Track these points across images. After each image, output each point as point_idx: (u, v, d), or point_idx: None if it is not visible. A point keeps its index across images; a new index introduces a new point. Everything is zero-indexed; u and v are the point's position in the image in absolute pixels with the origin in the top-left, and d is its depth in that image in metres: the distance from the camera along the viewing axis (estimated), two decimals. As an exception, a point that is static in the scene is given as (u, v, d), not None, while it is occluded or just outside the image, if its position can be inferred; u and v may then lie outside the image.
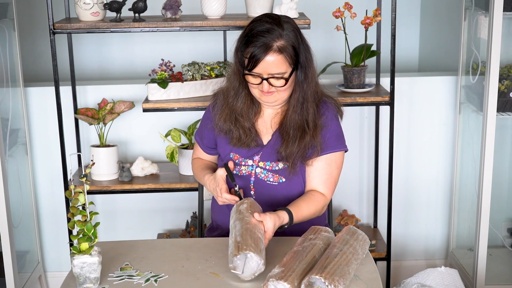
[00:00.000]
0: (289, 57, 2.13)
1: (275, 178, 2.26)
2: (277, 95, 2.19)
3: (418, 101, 3.38)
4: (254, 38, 2.12)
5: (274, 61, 2.11)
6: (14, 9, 3.08)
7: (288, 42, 2.13)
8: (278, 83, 2.15)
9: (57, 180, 3.31)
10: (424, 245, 3.57)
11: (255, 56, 2.11)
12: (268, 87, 2.15)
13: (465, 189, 3.34)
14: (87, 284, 1.85)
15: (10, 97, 3.11)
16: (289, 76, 2.15)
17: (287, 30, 2.14)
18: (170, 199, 3.43)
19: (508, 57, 3.17)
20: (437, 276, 2.84)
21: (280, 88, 2.16)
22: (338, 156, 2.28)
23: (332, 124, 2.26)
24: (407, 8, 4.25)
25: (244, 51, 2.15)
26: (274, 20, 2.15)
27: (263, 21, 2.15)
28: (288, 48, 2.13)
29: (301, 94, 2.19)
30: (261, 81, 2.15)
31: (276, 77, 2.13)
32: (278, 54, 2.11)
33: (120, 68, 4.19)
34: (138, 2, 2.87)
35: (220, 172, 2.22)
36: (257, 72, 2.14)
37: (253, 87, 2.19)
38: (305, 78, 2.18)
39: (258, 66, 2.12)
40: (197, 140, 2.44)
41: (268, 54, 2.10)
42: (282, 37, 2.12)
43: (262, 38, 2.11)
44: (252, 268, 1.88)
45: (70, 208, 1.85)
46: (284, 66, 2.13)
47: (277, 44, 2.11)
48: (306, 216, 2.21)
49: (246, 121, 2.25)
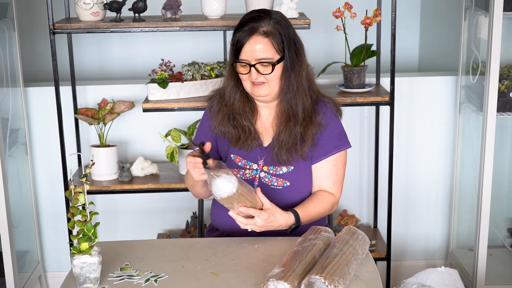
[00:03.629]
0: (275, 43, 2.15)
1: (279, 182, 2.26)
2: (267, 87, 2.19)
3: (418, 101, 3.38)
4: (241, 25, 2.17)
5: (260, 45, 2.14)
6: (14, 9, 3.08)
7: (275, 28, 2.16)
8: (266, 71, 2.16)
9: (57, 180, 3.31)
10: (424, 245, 3.57)
11: (240, 40, 2.15)
12: (256, 75, 2.16)
13: (465, 189, 3.34)
14: (87, 284, 1.85)
15: (10, 97, 3.11)
16: (277, 62, 2.16)
17: (275, 19, 2.17)
18: (170, 199, 3.43)
19: (508, 57, 3.17)
20: (437, 276, 2.84)
21: (268, 76, 2.16)
22: (343, 155, 2.29)
23: (333, 123, 2.27)
24: (407, 8, 4.25)
25: (232, 40, 2.19)
26: (264, 11, 2.20)
27: (253, 12, 2.21)
28: (275, 34, 2.15)
29: (286, 83, 2.20)
30: (249, 70, 2.17)
31: (263, 63, 2.15)
32: (263, 37, 2.14)
33: (120, 68, 4.19)
34: (138, 2, 2.88)
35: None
36: (244, 58, 2.16)
37: (244, 79, 2.20)
38: (292, 68, 2.19)
39: (244, 50, 2.15)
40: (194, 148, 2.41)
41: (253, 36, 2.14)
42: (269, 24, 2.15)
43: (249, 24, 2.15)
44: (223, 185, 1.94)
45: (70, 208, 1.85)
46: (270, 52, 2.15)
47: (263, 28, 2.14)
48: (314, 215, 2.22)
49: (244, 119, 2.25)
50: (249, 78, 2.19)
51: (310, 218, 2.21)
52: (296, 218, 2.15)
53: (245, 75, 2.19)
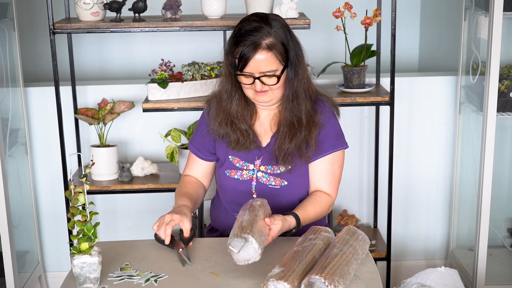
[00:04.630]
0: (279, 54, 2.12)
1: (276, 181, 2.26)
2: (271, 94, 2.18)
3: (418, 101, 3.38)
4: (242, 38, 2.12)
5: (264, 59, 2.11)
6: (14, 9, 3.08)
7: (277, 39, 2.12)
8: (271, 81, 2.14)
9: (57, 180, 3.31)
10: (424, 245, 3.57)
11: (245, 55, 2.11)
12: (261, 86, 2.14)
13: (465, 189, 3.34)
14: (87, 284, 1.85)
15: (10, 97, 3.11)
16: (281, 73, 2.14)
17: (275, 27, 2.13)
18: (170, 199, 3.41)
19: (508, 57, 3.17)
20: (437, 276, 2.84)
21: (273, 86, 2.15)
22: (340, 155, 2.28)
23: (331, 123, 2.26)
24: (407, 8, 4.25)
25: (234, 51, 2.14)
26: (262, 18, 2.15)
27: (251, 20, 2.15)
28: (278, 45, 2.12)
29: (291, 91, 2.18)
30: (253, 81, 2.14)
31: (268, 75, 2.13)
32: (267, 51, 2.11)
33: (120, 68, 4.19)
34: (138, 2, 2.88)
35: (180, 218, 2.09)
36: (248, 71, 2.13)
37: (246, 88, 2.19)
38: (295, 75, 2.17)
39: (248, 65, 2.12)
40: (192, 150, 2.38)
41: (257, 52, 2.10)
42: (270, 35, 2.11)
43: (250, 37, 2.11)
44: (248, 254, 1.86)
45: (70, 208, 1.85)
46: (275, 64, 2.13)
47: (265, 41, 2.11)
48: (313, 218, 2.21)
49: (243, 123, 2.24)
50: (252, 87, 2.17)
51: (309, 220, 2.20)
52: (298, 222, 2.13)
53: (249, 85, 2.17)
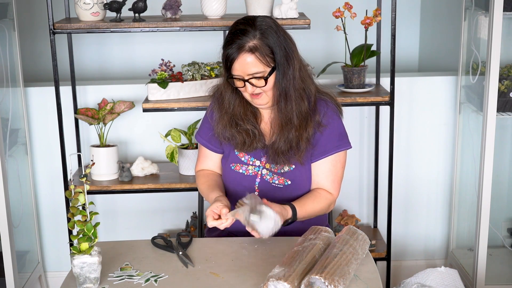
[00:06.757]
0: (263, 56, 2.13)
1: (280, 180, 2.27)
2: (265, 96, 2.20)
3: (418, 101, 3.38)
4: (229, 41, 2.16)
5: (249, 61, 2.13)
6: (14, 9, 3.08)
7: (262, 41, 2.13)
8: (260, 83, 2.16)
9: (57, 180, 3.32)
10: (424, 245, 3.57)
11: (229, 57, 2.15)
12: (252, 88, 2.16)
13: (465, 189, 3.34)
14: (87, 284, 1.85)
15: (10, 97, 3.11)
16: (268, 75, 2.15)
17: (261, 29, 2.14)
18: (170, 199, 3.43)
19: (508, 57, 3.17)
20: (437, 276, 2.84)
21: (264, 88, 2.17)
22: (343, 155, 2.29)
23: (334, 123, 2.26)
24: (407, 8, 4.25)
25: (222, 54, 2.19)
26: (248, 21, 2.17)
27: (238, 23, 2.19)
28: (262, 47, 2.13)
29: (279, 92, 2.19)
30: (244, 84, 2.17)
31: (256, 77, 2.15)
32: (250, 54, 2.13)
33: (120, 68, 4.19)
34: (138, 2, 2.88)
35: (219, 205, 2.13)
36: (236, 74, 2.16)
37: (242, 91, 2.21)
38: (284, 76, 2.17)
39: (234, 67, 2.15)
40: (202, 143, 2.39)
41: (240, 54, 2.13)
42: (255, 38, 2.13)
43: (237, 40, 2.14)
44: (268, 227, 1.96)
45: (70, 208, 1.85)
46: (260, 65, 2.14)
47: (249, 44, 2.13)
48: (311, 213, 2.22)
49: (247, 123, 2.26)
50: (245, 90, 2.19)
51: (306, 215, 2.21)
52: (294, 213, 2.15)
53: (242, 88, 2.20)
